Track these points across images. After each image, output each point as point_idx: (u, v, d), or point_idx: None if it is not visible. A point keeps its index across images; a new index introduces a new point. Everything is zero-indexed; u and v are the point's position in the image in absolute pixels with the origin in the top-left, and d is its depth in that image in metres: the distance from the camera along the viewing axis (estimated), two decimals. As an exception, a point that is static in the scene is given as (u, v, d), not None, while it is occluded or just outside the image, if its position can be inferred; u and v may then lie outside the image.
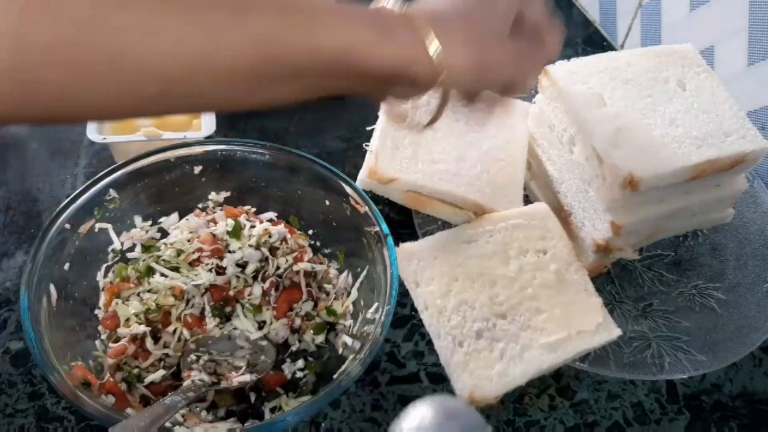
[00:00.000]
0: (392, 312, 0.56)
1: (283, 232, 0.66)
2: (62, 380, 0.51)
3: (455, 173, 0.69)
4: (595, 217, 0.67)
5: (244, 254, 0.63)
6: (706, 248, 0.75)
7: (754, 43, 0.78)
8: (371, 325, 0.58)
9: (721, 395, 0.66)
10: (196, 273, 0.62)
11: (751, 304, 0.69)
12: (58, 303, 0.57)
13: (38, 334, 0.52)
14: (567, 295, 0.63)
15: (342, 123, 0.87)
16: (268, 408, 0.59)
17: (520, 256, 0.65)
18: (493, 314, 0.62)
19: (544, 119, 0.73)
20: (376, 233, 0.62)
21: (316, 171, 0.66)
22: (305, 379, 0.62)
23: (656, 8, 0.92)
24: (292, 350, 0.63)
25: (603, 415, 0.64)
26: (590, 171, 0.66)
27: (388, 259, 0.60)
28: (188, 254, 0.64)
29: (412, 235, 0.71)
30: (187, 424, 0.55)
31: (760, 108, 0.79)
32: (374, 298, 0.60)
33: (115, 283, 0.63)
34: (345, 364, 0.58)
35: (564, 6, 1.06)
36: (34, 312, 0.54)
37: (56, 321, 0.56)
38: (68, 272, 0.60)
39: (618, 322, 0.63)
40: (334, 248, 0.68)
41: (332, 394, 0.53)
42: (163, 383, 0.59)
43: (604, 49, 0.99)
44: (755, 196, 0.76)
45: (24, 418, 0.60)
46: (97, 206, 0.62)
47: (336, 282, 0.67)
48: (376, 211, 0.62)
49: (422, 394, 0.63)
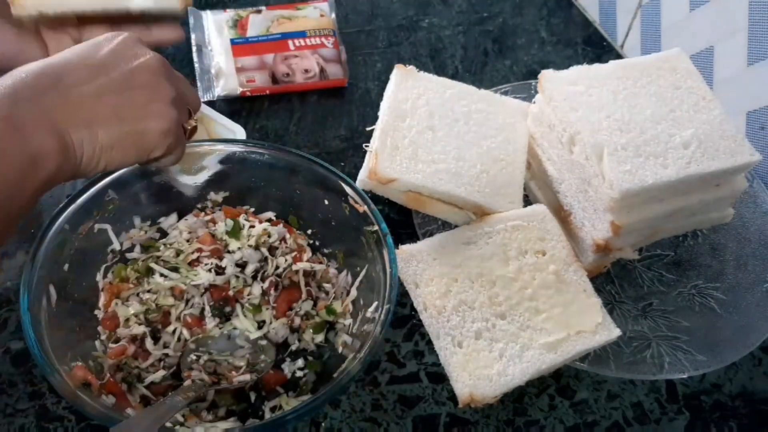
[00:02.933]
0: (392, 311, 0.57)
1: (282, 232, 0.66)
2: (62, 381, 0.51)
3: (455, 173, 0.69)
4: (595, 217, 0.67)
5: (243, 254, 0.63)
6: (705, 248, 0.75)
7: (754, 43, 0.78)
8: (371, 324, 0.58)
9: (721, 395, 0.66)
10: (196, 273, 0.62)
11: (750, 304, 0.69)
12: (57, 303, 0.57)
13: (38, 334, 0.52)
14: (566, 295, 0.63)
15: (342, 123, 0.87)
16: (268, 407, 0.59)
17: (519, 256, 0.66)
18: (493, 314, 0.62)
19: (544, 119, 0.73)
20: (375, 232, 0.62)
21: (316, 171, 0.66)
22: (305, 378, 0.62)
23: (656, 8, 0.92)
24: (292, 350, 0.63)
25: (603, 414, 0.64)
26: (590, 171, 0.66)
27: (387, 259, 0.60)
28: (187, 254, 0.64)
29: (412, 235, 0.71)
30: (187, 423, 0.55)
31: (760, 108, 0.79)
32: (374, 297, 0.60)
33: (115, 283, 0.63)
34: (345, 363, 0.58)
35: (564, 6, 1.06)
36: (35, 312, 0.54)
37: (56, 321, 0.56)
38: (68, 273, 0.60)
39: (618, 322, 0.64)
40: (333, 248, 0.68)
41: (332, 393, 0.53)
42: (163, 383, 0.59)
43: (604, 49, 1.00)
44: (755, 196, 0.76)
45: (24, 417, 0.60)
46: (97, 207, 0.62)
47: (335, 281, 0.67)
48: (375, 210, 0.62)
49: (422, 394, 0.64)
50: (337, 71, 0.90)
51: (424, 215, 0.73)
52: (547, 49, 0.99)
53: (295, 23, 0.94)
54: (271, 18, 0.94)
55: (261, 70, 0.89)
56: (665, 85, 0.71)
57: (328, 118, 0.88)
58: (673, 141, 0.66)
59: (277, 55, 0.90)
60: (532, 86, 0.83)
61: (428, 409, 0.63)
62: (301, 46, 0.91)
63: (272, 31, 0.92)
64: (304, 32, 0.92)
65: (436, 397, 0.64)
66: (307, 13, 0.95)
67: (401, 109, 0.73)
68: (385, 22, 1.01)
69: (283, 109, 0.88)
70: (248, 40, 0.91)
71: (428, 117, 0.73)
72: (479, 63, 0.96)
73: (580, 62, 0.76)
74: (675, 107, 0.69)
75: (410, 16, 1.02)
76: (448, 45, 0.98)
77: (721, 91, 0.83)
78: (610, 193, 0.63)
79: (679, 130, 0.67)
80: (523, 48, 0.99)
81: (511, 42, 1.00)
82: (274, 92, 0.88)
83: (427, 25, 1.01)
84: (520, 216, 0.68)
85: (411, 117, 0.72)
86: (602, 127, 0.66)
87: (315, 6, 0.97)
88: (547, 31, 1.02)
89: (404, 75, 0.75)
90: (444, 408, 0.63)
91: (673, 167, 0.64)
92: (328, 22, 0.95)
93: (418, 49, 0.98)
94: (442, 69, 0.95)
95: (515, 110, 0.76)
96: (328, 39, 0.92)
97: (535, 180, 0.77)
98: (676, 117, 0.68)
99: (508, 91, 0.83)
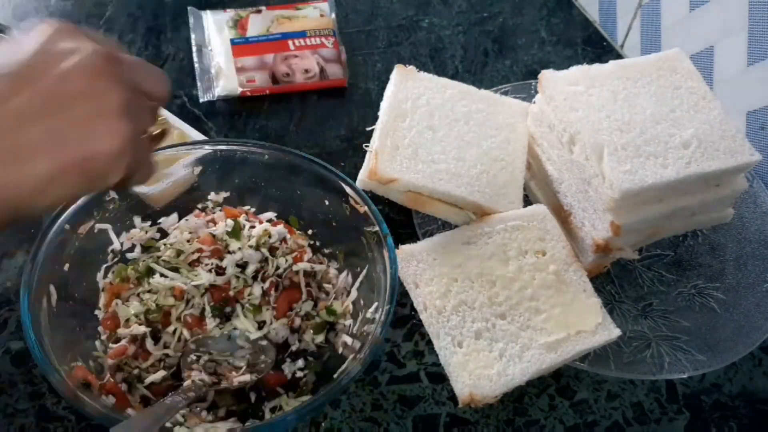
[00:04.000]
0: (392, 311, 0.57)
1: (282, 233, 0.66)
2: (63, 381, 0.51)
3: (455, 173, 0.69)
4: (595, 216, 0.67)
5: (243, 255, 0.63)
6: (705, 248, 0.75)
7: (754, 43, 0.78)
8: (371, 325, 0.58)
9: (721, 395, 0.66)
10: (196, 273, 0.62)
11: (750, 304, 0.69)
12: (58, 304, 0.57)
13: (39, 335, 0.52)
14: (566, 295, 0.63)
15: (342, 123, 0.87)
16: (268, 408, 0.59)
17: (519, 257, 0.66)
18: (493, 314, 0.62)
19: (544, 119, 0.73)
20: (375, 233, 0.62)
21: (316, 171, 0.66)
22: (305, 378, 0.62)
23: (656, 8, 0.92)
24: (292, 350, 0.63)
25: (603, 414, 0.64)
26: (590, 171, 0.66)
27: (387, 259, 0.60)
28: (188, 254, 0.64)
29: (412, 235, 0.71)
30: (187, 424, 0.55)
31: (760, 108, 0.79)
32: (374, 297, 0.60)
33: (115, 283, 0.63)
34: (345, 364, 0.58)
35: (564, 6, 1.06)
36: (35, 313, 0.54)
37: (56, 322, 0.56)
38: (68, 273, 0.60)
39: (618, 322, 0.64)
40: (333, 248, 0.68)
41: (333, 394, 0.53)
42: (163, 383, 0.59)
43: (604, 49, 1.00)
44: (755, 196, 0.76)
45: (24, 418, 0.60)
46: (97, 207, 0.62)
47: (336, 282, 0.67)
48: (376, 210, 0.62)
49: (422, 394, 0.64)
50: (337, 71, 0.90)
51: (424, 215, 0.73)
52: (547, 49, 0.99)
53: (295, 23, 0.94)
54: (271, 18, 0.94)
55: (261, 70, 0.89)
56: (665, 85, 0.71)
57: (328, 118, 0.88)
58: (673, 141, 0.66)
59: (277, 55, 0.90)
60: (532, 86, 0.83)
61: (428, 409, 0.63)
62: (301, 46, 0.91)
63: (272, 31, 0.92)
64: (304, 32, 0.92)
65: (436, 397, 0.64)
66: (307, 13, 0.96)
67: (401, 109, 0.73)
68: (385, 22, 1.01)
69: (283, 110, 0.88)
70: (248, 40, 0.91)
71: (428, 117, 0.73)
72: (479, 63, 0.96)
73: (580, 62, 0.76)
74: (675, 107, 0.69)
75: (410, 16, 1.02)
76: (448, 45, 0.98)
77: (721, 91, 0.83)
78: (610, 193, 0.63)
79: (679, 130, 0.67)
80: (523, 48, 0.99)
81: (511, 42, 1.00)
82: (274, 92, 0.88)
83: (427, 25, 1.01)
84: (520, 216, 0.68)
85: (411, 117, 0.72)
86: (602, 127, 0.67)
87: (315, 6, 0.97)
88: (547, 31, 1.02)
89: (404, 75, 0.75)
90: (444, 408, 0.63)
91: (673, 167, 0.64)
92: (328, 22, 0.95)
93: (418, 49, 0.98)
94: (442, 69, 0.95)
95: (515, 110, 0.76)
96: (328, 39, 0.92)
97: (535, 180, 0.77)
98: (676, 117, 0.68)
99: (508, 91, 0.83)
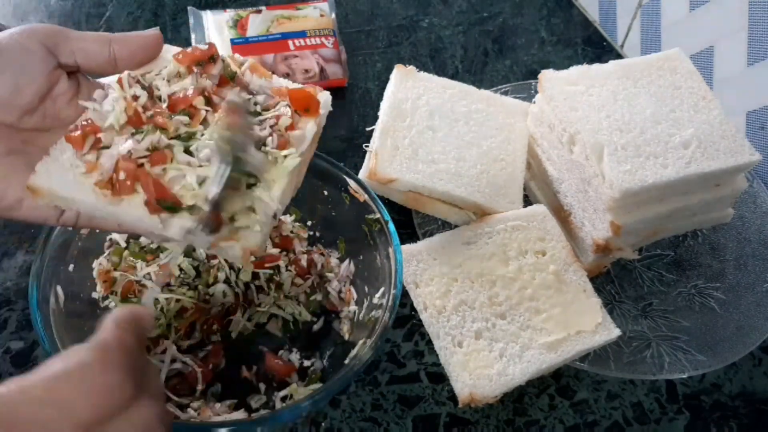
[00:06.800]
0: (399, 296, 0.57)
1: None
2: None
3: (455, 173, 0.69)
4: (595, 216, 0.67)
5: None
6: (705, 248, 0.75)
7: (754, 43, 0.78)
8: (379, 310, 0.58)
9: (721, 395, 0.66)
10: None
11: (750, 304, 0.69)
12: (65, 304, 0.57)
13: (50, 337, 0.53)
14: (566, 295, 0.63)
15: (342, 123, 0.87)
16: (278, 397, 0.59)
17: (519, 257, 0.66)
18: (493, 314, 0.62)
19: (544, 119, 0.73)
20: (377, 220, 0.62)
21: (315, 163, 0.65)
22: (313, 367, 0.62)
23: (656, 8, 0.92)
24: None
25: (603, 414, 0.64)
26: (590, 171, 0.66)
27: (391, 245, 0.60)
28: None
29: (412, 235, 0.71)
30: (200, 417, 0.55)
31: (760, 108, 0.79)
32: (379, 283, 0.61)
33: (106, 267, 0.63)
34: (356, 349, 0.57)
35: (564, 6, 1.06)
36: (45, 314, 0.54)
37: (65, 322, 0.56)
38: (73, 273, 0.60)
39: (618, 322, 0.64)
40: (334, 238, 0.69)
41: (346, 379, 0.53)
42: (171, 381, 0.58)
43: (604, 49, 1.00)
44: (755, 196, 0.76)
45: (24, 418, 0.60)
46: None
47: (338, 271, 0.67)
48: (376, 197, 0.62)
49: (422, 394, 0.64)
50: (337, 71, 0.90)
51: (424, 215, 0.73)
52: (547, 49, 0.99)
53: (295, 23, 0.94)
54: (271, 18, 0.94)
55: (261, 70, 0.89)
56: (665, 85, 0.71)
57: (328, 118, 0.87)
58: (673, 141, 0.66)
59: (277, 55, 0.90)
60: (532, 86, 0.83)
61: (428, 409, 0.63)
62: (301, 46, 0.91)
63: (272, 31, 0.92)
64: (304, 32, 0.92)
65: (436, 397, 0.64)
66: (307, 13, 0.96)
67: (401, 109, 0.73)
68: (385, 22, 1.01)
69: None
70: (248, 40, 0.91)
71: (428, 117, 0.73)
72: (479, 63, 0.96)
73: (580, 62, 0.76)
74: (675, 107, 0.69)
75: (410, 16, 1.02)
76: (448, 45, 0.98)
77: (721, 91, 0.83)
78: (610, 193, 0.63)
79: (678, 130, 0.67)
80: (523, 48, 0.99)
81: (511, 42, 1.00)
82: (274, 92, 0.88)
83: (427, 25, 1.01)
84: (520, 216, 0.68)
85: (411, 117, 0.72)
86: (602, 127, 0.67)
87: (315, 6, 0.97)
88: (547, 31, 1.02)
89: (404, 75, 0.75)
90: (444, 408, 0.63)
91: (673, 167, 0.64)
92: (328, 22, 0.95)
93: (418, 49, 0.98)
94: (442, 69, 0.95)
95: (515, 110, 0.76)
96: (328, 39, 0.92)
97: (535, 180, 0.77)
98: (676, 117, 0.68)
99: (508, 91, 0.83)
